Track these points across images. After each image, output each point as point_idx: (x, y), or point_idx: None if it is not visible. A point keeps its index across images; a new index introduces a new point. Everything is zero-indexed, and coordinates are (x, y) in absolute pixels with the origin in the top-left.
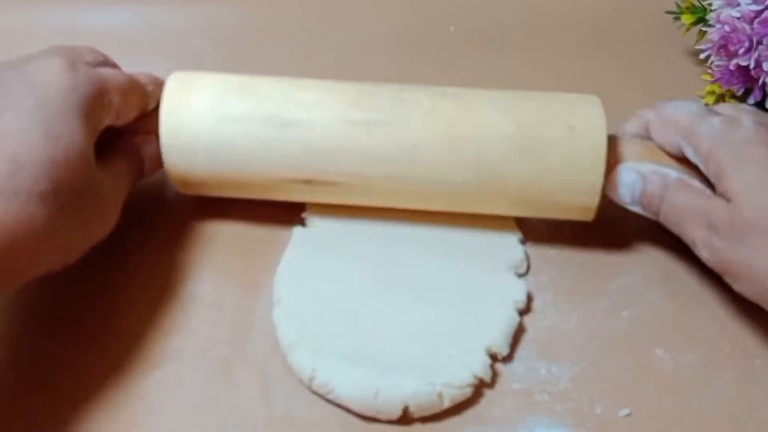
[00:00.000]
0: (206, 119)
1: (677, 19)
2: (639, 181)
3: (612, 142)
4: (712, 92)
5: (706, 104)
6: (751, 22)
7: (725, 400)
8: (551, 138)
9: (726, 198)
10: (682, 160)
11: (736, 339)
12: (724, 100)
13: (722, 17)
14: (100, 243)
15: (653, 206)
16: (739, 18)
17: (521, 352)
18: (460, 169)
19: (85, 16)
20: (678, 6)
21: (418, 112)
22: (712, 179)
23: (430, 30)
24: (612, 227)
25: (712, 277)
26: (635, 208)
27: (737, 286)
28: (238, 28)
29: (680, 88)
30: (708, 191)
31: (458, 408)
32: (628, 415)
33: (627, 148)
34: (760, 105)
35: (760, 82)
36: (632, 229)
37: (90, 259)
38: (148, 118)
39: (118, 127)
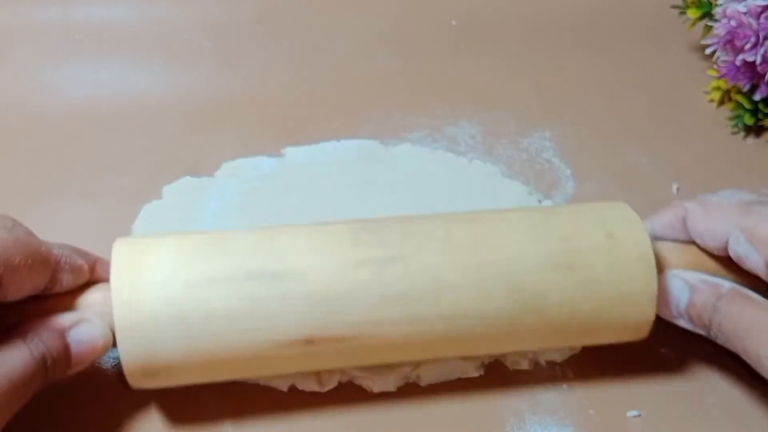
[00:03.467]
0: (173, 286)
1: (683, 13)
2: (686, 290)
3: (655, 246)
4: (718, 88)
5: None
6: (757, 17)
7: (730, 400)
8: (591, 248)
9: None
10: (731, 269)
11: None
12: (729, 96)
13: (728, 12)
14: None
15: (704, 318)
16: (745, 13)
17: None
18: (494, 299)
19: (79, 10)
20: (684, 0)
21: (432, 241)
22: None
23: (431, 24)
24: None
25: None
26: (681, 322)
27: None
28: (234, 22)
29: (686, 83)
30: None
31: (460, 407)
32: (638, 416)
33: (669, 253)
34: (766, 101)
35: (767, 77)
36: None
37: None
38: (76, 295)
39: (19, 303)
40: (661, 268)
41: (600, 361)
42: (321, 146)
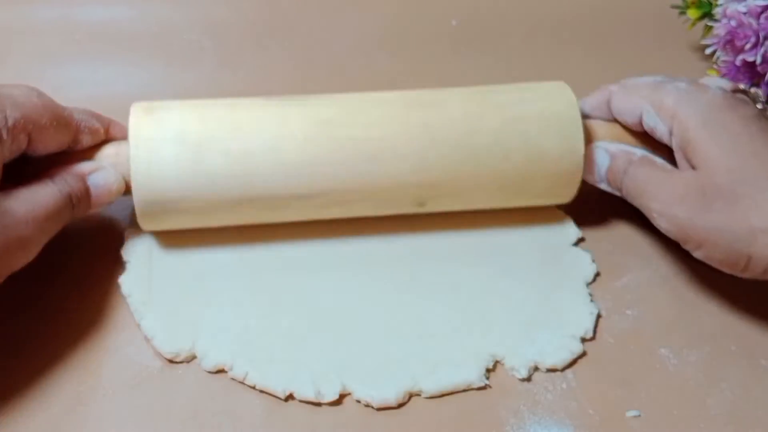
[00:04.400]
0: (182, 136)
1: (683, 13)
2: (607, 157)
3: (584, 123)
4: None
5: None
6: (757, 17)
7: (730, 400)
8: (528, 113)
9: (693, 166)
10: (646, 141)
11: (742, 338)
12: None
13: (728, 12)
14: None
15: (617, 181)
16: (745, 13)
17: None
18: (439, 149)
19: (80, 10)
20: (684, 1)
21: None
22: (676, 142)
23: (431, 24)
24: (615, 226)
25: (717, 276)
26: (603, 185)
27: (700, 253)
28: (234, 22)
29: None
30: (669, 166)
31: (460, 408)
32: (637, 416)
33: (596, 128)
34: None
35: (767, 77)
36: (637, 229)
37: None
38: (94, 150)
39: (46, 157)
40: (588, 140)
41: (600, 362)
42: None
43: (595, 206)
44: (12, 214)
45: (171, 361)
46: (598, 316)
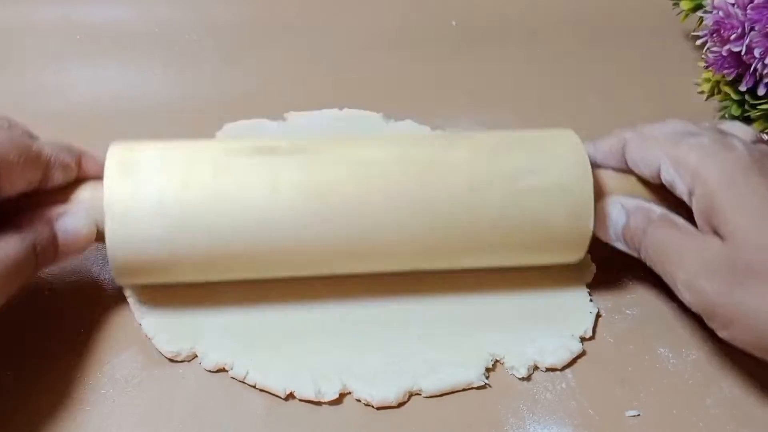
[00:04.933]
0: (160, 183)
1: (676, 5)
2: (623, 214)
3: (595, 173)
4: (708, 79)
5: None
6: (744, 8)
7: (730, 399)
8: (533, 167)
9: (719, 234)
10: (663, 196)
11: None
12: (718, 87)
13: (716, 3)
14: None
15: (635, 242)
16: (733, 4)
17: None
18: (443, 204)
19: (80, 9)
20: None
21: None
22: (698, 206)
23: (431, 24)
24: None
25: None
26: (619, 245)
27: (727, 333)
28: (235, 22)
29: (679, 75)
30: (692, 228)
31: (460, 407)
32: (637, 416)
33: (609, 180)
34: (751, 91)
35: (752, 68)
36: None
37: None
38: (64, 191)
39: (13, 198)
40: (601, 193)
41: (600, 362)
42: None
43: None
44: None
45: (171, 361)
46: (598, 316)
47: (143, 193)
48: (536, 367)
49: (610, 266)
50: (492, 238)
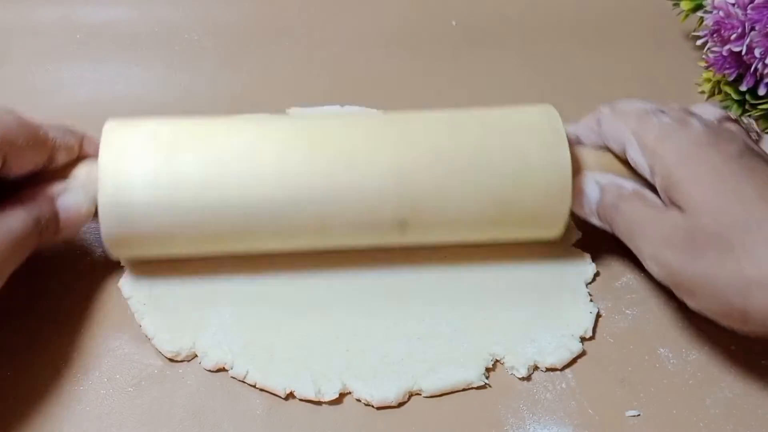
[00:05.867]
0: (152, 161)
1: (676, 5)
2: (597, 190)
3: (574, 150)
4: (708, 80)
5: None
6: (744, 8)
7: (730, 399)
8: (511, 143)
9: (679, 207)
10: (637, 172)
11: (741, 338)
12: (719, 87)
13: (716, 3)
14: None
15: (608, 218)
16: (733, 4)
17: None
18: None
19: (81, 10)
20: None
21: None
22: (659, 182)
23: (431, 24)
24: None
25: None
26: (593, 220)
27: (694, 303)
28: (235, 22)
29: (680, 75)
30: (659, 203)
31: (460, 407)
32: (637, 416)
33: (586, 156)
34: (752, 91)
35: (752, 68)
36: None
37: None
38: (65, 170)
39: (20, 178)
40: (579, 169)
41: (599, 361)
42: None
43: None
44: None
45: (172, 360)
46: (598, 316)
47: (133, 165)
48: (536, 367)
49: (609, 264)
50: (472, 214)
